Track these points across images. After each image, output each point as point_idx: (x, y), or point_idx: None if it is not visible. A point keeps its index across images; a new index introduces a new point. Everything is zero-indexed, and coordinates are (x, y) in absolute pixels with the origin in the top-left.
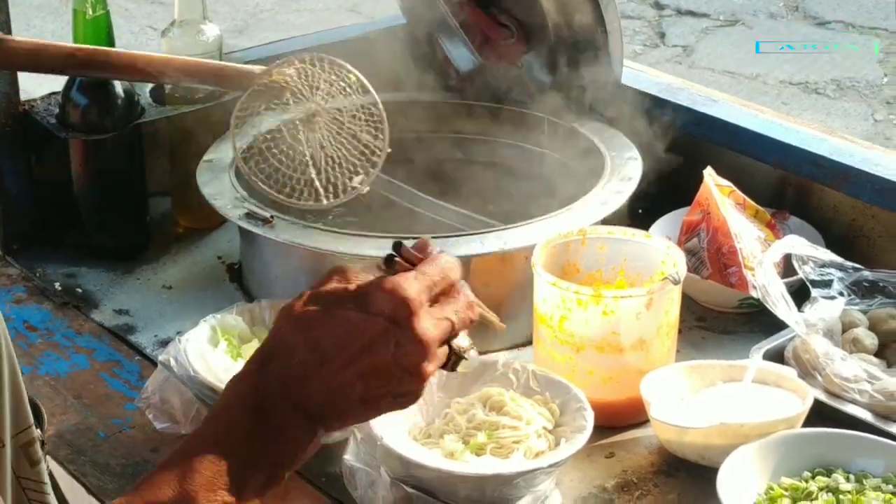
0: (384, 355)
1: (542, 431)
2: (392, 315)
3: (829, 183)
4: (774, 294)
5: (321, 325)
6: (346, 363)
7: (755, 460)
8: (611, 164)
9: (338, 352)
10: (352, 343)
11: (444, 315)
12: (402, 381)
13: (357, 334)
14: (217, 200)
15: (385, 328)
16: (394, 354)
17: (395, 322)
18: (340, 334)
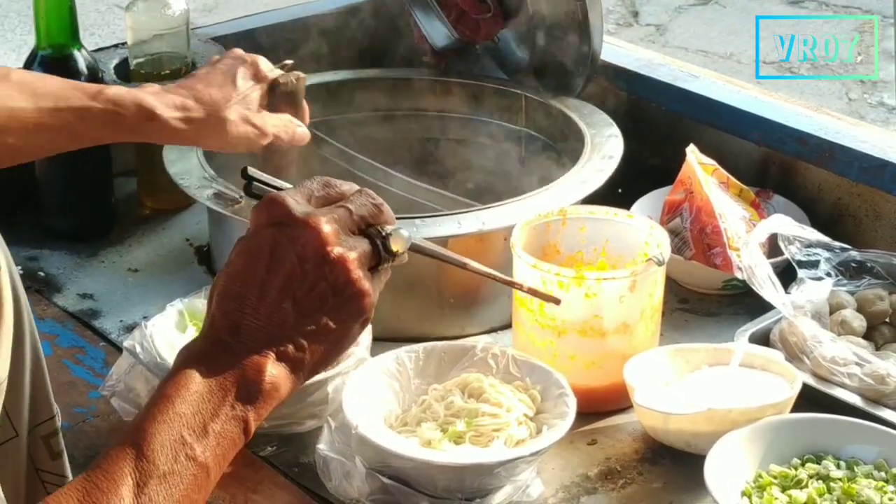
0: (288, 258)
1: (523, 419)
2: (269, 219)
3: (814, 161)
4: (761, 275)
5: (226, 274)
6: (261, 289)
7: (743, 447)
8: (591, 142)
9: (248, 283)
10: (254, 267)
11: (335, 205)
12: (323, 275)
13: (254, 257)
14: (184, 180)
15: (272, 234)
16: (294, 252)
17: (276, 223)
18: (241, 269)
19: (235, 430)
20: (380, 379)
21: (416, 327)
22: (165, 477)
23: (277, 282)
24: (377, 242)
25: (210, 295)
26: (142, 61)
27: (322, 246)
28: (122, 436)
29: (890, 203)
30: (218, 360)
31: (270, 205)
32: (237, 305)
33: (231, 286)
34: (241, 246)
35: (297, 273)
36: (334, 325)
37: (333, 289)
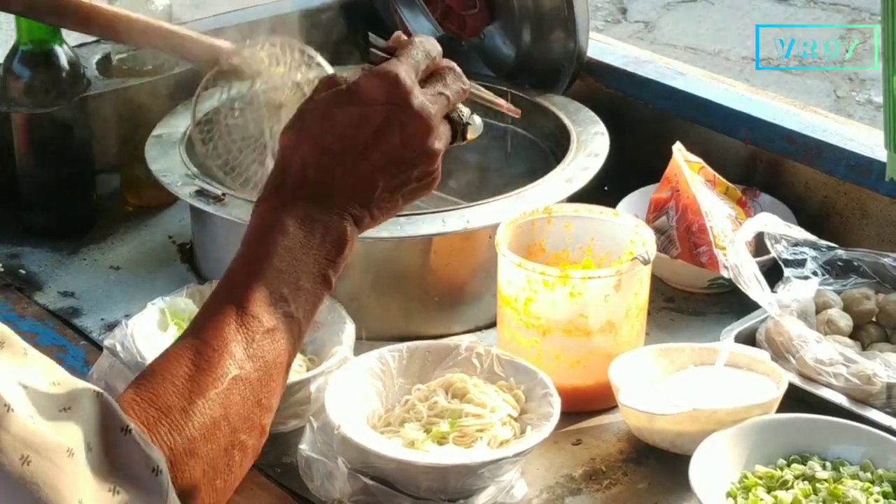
0: (392, 140)
1: (507, 419)
2: (387, 98)
3: (801, 159)
4: (747, 274)
5: (323, 127)
6: (359, 157)
7: (728, 448)
8: (577, 140)
9: (348, 148)
10: (358, 135)
11: (437, 90)
12: (416, 163)
13: (361, 126)
14: (166, 177)
15: (385, 113)
16: (400, 136)
17: (392, 104)
18: (345, 131)
19: (321, 287)
20: (363, 379)
21: (401, 326)
22: (269, 333)
23: (377, 156)
24: (458, 130)
25: (293, 136)
26: (124, 56)
27: (425, 140)
28: (224, 290)
29: (877, 202)
30: (308, 215)
31: (393, 84)
32: (334, 162)
33: (332, 143)
34: (349, 109)
35: (397, 155)
36: (403, 203)
37: (419, 177)
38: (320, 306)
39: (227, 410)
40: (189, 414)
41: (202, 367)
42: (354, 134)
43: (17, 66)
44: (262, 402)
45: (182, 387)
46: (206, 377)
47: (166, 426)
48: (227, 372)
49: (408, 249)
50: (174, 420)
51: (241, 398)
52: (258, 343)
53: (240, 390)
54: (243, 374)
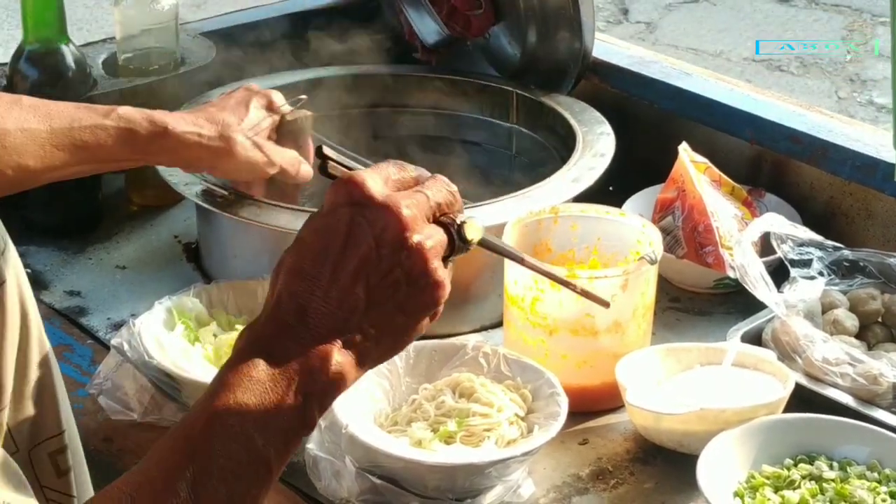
0: (364, 241)
1: (514, 418)
2: (350, 200)
3: (806, 159)
4: (753, 274)
5: (295, 252)
6: (334, 271)
7: (736, 447)
8: (582, 140)
9: (321, 265)
10: (329, 248)
11: (413, 191)
12: (399, 263)
13: (328, 237)
14: (173, 176)
15: (350, 214)
16: (372, 234)
17: (356, 204)
18: (314, 248)
19: (298, 422)
20: (370, 378)
21: None
22: (225, 472)
23: (351, 265)
24: (452, 231)
25: (275, 271)
26: (130, 56)
27: (401, 231)
28: (178, 426)
29: (882, 202)
30: (283, 346)
31: (350, 184)
32: (307, 286)
33: (302, 265)
34: (314, 223)
35: (372, 257)
36: (404, 315)
37: (408, 278)
38: None
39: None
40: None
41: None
42: (324, 248)
43: (24, 65)
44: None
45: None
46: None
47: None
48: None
49: None
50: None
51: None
52: (210, 483)
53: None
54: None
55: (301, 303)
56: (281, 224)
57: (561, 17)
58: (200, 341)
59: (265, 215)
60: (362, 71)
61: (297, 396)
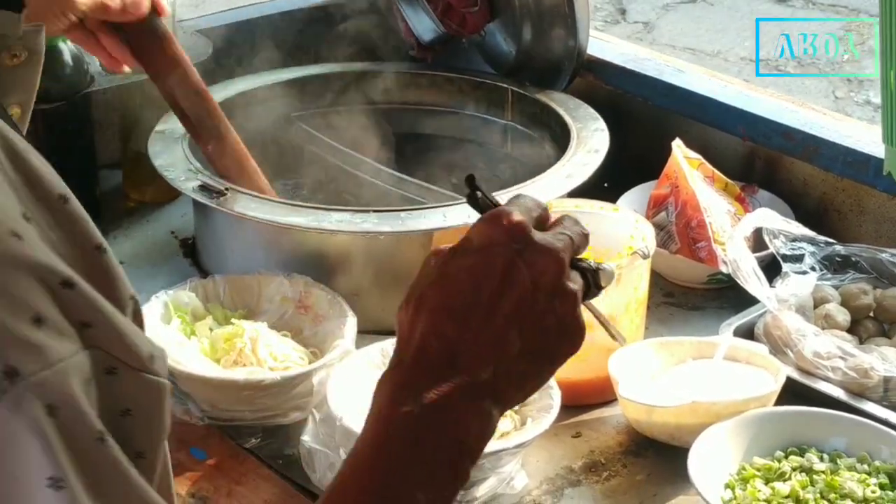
0: (522, 283)
1: (508, 411)
2: (507, 238)
3: (799, 155)
4: (746, 269)
5: (441, 290)
6: (489, 312)
7: (727, 440)
8: (577, 136)
9: (473, 305)
10: (483, 287)
11: (557, 231)
12: (552, 307)
13: (483, 276)
14: (169, 172)
15: (508, 254)
16: (530, 276)
17: (514, 244)
18: (466, 286)
19: (458, 478)
20: (364, 371)
21: None
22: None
23: (507, 307)
24: (588, 277)
25: (412, 308)
26: None
27: (559, 276)
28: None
29: (874, 197)
30: (435, 393)
31: (506, 222)
32: (458, 327)
33: (453, 304)
34: (465, 260)
35: (528, 301)
36: (550, 363)
37: (560, 325)
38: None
39: None
40: None
41: None
42: (478, 287)
43: None
44: None
45: None
46: None
47: None
48: None
49: (409, 244)
50: None
51: None
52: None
53: None
54: None
55: (452, 345)
56: (276, 219)
57: (556, 14)
58: (196, 335)
59: (260, 210)
60: (358, 68)
61: (453, 449)
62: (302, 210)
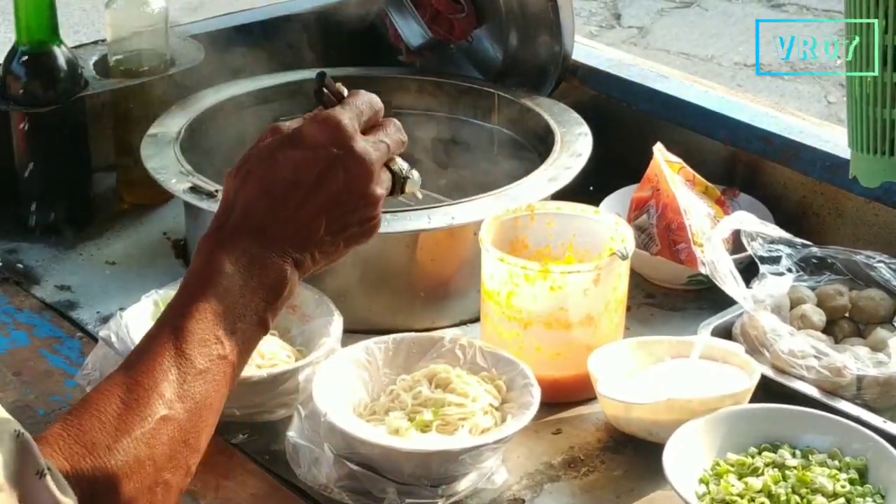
0: (336, 183)
1: (489, 408)
2: (331, 142)
3: (779, 160)
4: (723, 270)
5: (268, 171)
6: (304, 199)
7: (701, 436)
8: (560, 140)
9: (292, 191)
10: (302, 179)
11: (378, 138)
12: (357, 207)
13: (304, 169)
14: (161, 174)
15: (329, 156)
16: (344, 180)
17: (336, 148)
18: (289, 174)
19: (257, 328)
20: (350, 369)
21: (388, 320)
22: (201, 374)
23: (320, 200)
24: (396, 184)
25: (238, 175)
26: (121, 58)
27: (368, 184)
28: (159, 329)
29: (851, 201)
30: (249, 257)
31: (332, 126)
32: (277, 205)
33: (271, 187)
34: (291, 151)
35: (339, 199)
36: (345, 248)
37: (360, 221)
38: (306, 302)
39: (152, 450)
40: (114, 452)
41: (131, 405)
42: (298, 177)
43: (17, 66)
44: (189, 443)
45: (109, 424)
46: (134, 416)
47: (90, 463)
48: (156, 411)
49: (394, 245)
50: (98, 457)
51: (168, 438)
52: (189, 384)
53: (167, 430)
54: (172, 413)
55: (266, 219)
56: None
57: (541, 20)
58: None
59: None
60: (349, 73)
61: (258, 306)
62: None
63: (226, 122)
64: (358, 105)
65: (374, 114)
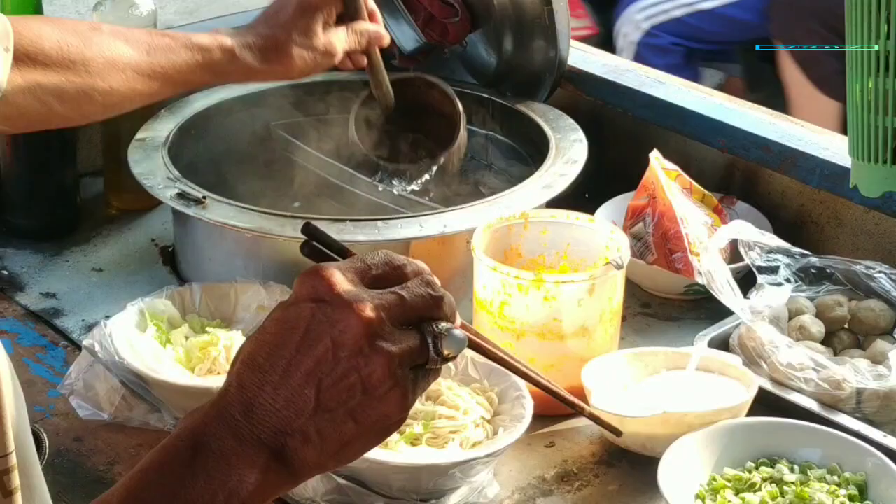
0: (322, 341)
1: (480, 421)
2: (314, 295)
3: (777, 167)
4: (719, 280)
5: (253, 343)
6: (288, 367)
7: (698, 450)
8: (555, 147)
9: (276, 359)
10: (286, 342)
11: (388, 290)
12: (355, 367)
13: (287, 331)
14: (148, 180)
15: (311, 310)
16: (330, 335)
17: (319, 300)
18: (272, 339)
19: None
20: None
21: None
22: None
23: (305, 364)
24: (428, 340)
25: (235, 358)
26: None
27: (362, 335)
28: None
29: (851, 210)
30: (219, 442)
31: (316, 277)
32: (258, 379)
33: (257, 356)
34: (276, 314)
35: (328, 359)
36: (356, 423)
37: (364, 385)
38: None
39: None
40: None
41: None
42: (281, 341)
43: None
44: None
45: None
46: None
47: None
48: None
49: None
50: None
51: None
52: None
53: None
54: None
55: (249, 397)
56: (253, 227)
57: (536, 25)
58: (171, 343)
59: (238, 218)
60: (341, 78)
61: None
62: (279, 218)
63: (215, 127)
64: (366, 258)
65: (389, 269)
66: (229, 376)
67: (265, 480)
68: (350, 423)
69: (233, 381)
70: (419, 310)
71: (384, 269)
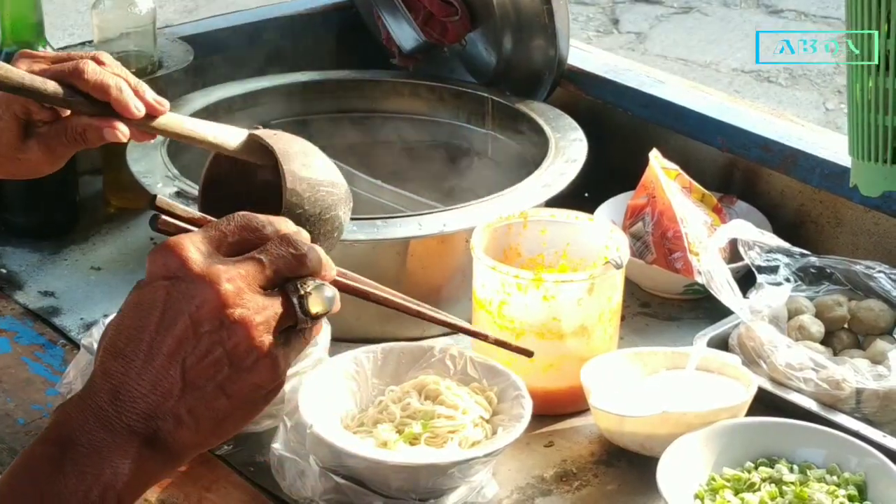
0: (181, 318)
1: (479, 421)
2: (166, 272)
3: (777, 167)
4: (719, 279)
5: (113, 328)
6: (150, 350)
7: (697, 450)
8: (555, 146)
9: (135, 343)
10: (144, 325)
11: (246, 256)
12: (219, 341)
13: (144, 313)
14: (146, 178)
15: (165, 289)
16: (188, 311)
17: (172, 277)
18: (130, 323)
19: None
20: (337, 379)
21: (377, 328)
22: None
23: (167, 345)
24: (293, 301)
25: (98, 346)
26: None
27: (220, 307)
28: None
29: (851, 209)
30: (88, 434)
31: (166, 253)
32: (121, 366)
33: (117, 342)
34: (132, 297)
35: (189, 337)
36: (228, 398)
37: (231, 357)
38: None
39: None
40: None
41: None
42: (140, 324)
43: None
44: None
45: None
46: None
47: None
48: None
49: (384, 252)
50: None
51: None
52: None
53: None
54: None
55: (115, 384)
56: None
57: (536, 24)
58: None
59: None
60: (340, 76)
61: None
62: None
63: None
64: (219, 225)
65: (246, 233)
66: (94, 365)
67: (140, 469)
68: (222, 398)
69: (97, 370)
70: (281, 271)
71: (241, 235)
